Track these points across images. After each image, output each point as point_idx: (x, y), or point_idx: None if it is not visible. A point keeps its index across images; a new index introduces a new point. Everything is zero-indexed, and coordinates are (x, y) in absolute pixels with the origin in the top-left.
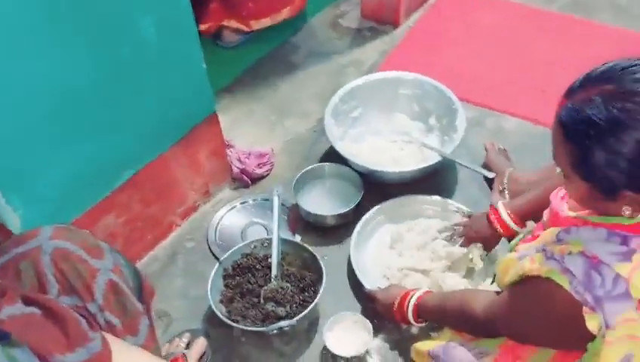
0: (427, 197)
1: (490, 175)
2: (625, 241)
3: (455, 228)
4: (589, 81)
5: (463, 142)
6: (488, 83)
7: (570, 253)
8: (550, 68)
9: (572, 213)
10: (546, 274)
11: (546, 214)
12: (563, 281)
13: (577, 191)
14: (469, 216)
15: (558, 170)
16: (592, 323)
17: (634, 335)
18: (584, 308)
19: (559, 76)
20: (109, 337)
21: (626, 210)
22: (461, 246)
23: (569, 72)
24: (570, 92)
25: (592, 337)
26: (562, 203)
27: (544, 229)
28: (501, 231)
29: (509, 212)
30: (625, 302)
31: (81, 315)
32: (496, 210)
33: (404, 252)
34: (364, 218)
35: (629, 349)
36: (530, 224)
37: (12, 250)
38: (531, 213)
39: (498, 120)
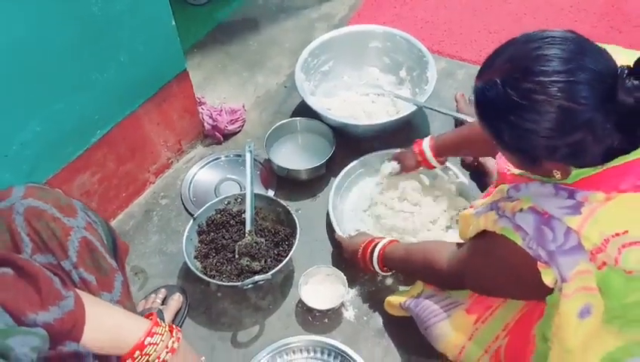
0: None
1: (470, 119)
2: (571, 195)
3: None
4: (493, 61)
5: (434, 93)
6: (459, 34)
7: (521, 210)
8: (522, 18)
9: (516, 171)
10: (500, 231)
11: (495, 175)
12: (516, 238)
13: (508, 158)
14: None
15: None
16: (547, 278)
17: (589, 287)
18: (538, 262)
19: (531, 27)
20: (83, 294)
21: (556, 174)
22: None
23: (541, 21)
24: (479, 72)
25: (548, 290)
26: (507, 162)
27: (496, 188)
28: (420, 160)
29: (430, 145)
30: (577, 254)
31: (56, 273)
32: (419, 142)
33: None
34: (345, 169)
35: (587, 300)
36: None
37: None
38: (452, 149)
39: (469, 71)
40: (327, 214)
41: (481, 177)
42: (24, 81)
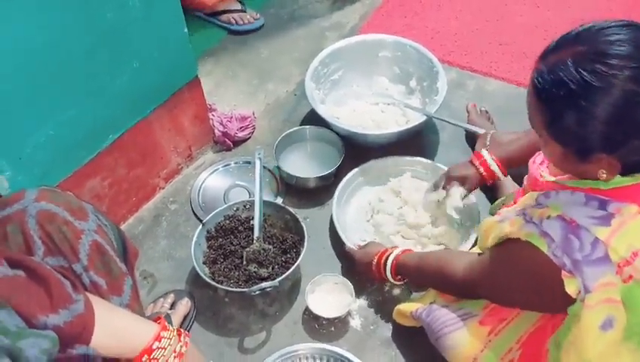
0: (408, 158)
1: (481, 130)
2: (603, 205)
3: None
4: (563, 43)
5: (444, 104)
6: (470, 45)
7: (548, 217)
8: (533, 30)
9: (551, 178)
10: (525, 237)
11: (526, 180)
12: (541, 244)
13: (553, 153)
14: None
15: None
16: (570, 287)
17: (612, 299)
18: (562, 271)
19: (542, 39)
20: (93, 298)
21: (602, 174)
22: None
23: (552, 35)
24: (545, 54)
25: (570, 300)
26: (540, 168)
27: (524, 195)
28: (483, 171)
29: (493, 157)
30: (604, 265)
31: (67, 276)
32: (480, 155)
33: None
34: (345, 177)
35: (609, 313)
36: (511, 185)
37: None
38: (515, 161)
39: (480, 82)
40: (332, 225)
41: (491, 189)
42: (40, 85)
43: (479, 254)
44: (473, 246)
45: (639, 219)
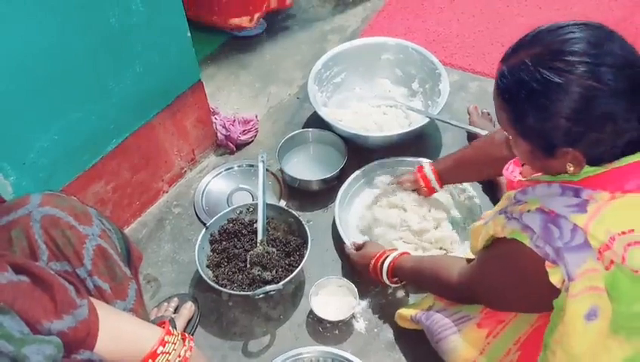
0: (410, 160)
1: (482, 132)
2: (577, 194)
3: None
4: (522, 44)
5: (446, 106)
6: (472, 47)
7: (528, 211)
8: None
9: (524, 178)
10: (509, 234)
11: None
12: (524, 239)
13: (522, 152)
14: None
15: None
16: (555, 277)
17: (596, 287)
18: (546, 262)
19: None
20: (97, 303)
21: (570, 167)
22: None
23: None
24: (506, 56)
25: (557, 294)
26: (512, 174)
27: None
28: (424, 188)
29: (433, 168)
30: (585, 251)
31: (71, 281)
32: (421, 167)
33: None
34: (348, 180)
35: (594, 302)
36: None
37: (3, 218)
38: (455, 174)
39: (482, 83)
40: (335, 227)
41: (493, 190)
42: (43, 90)
43: (468, 260)
44: None
45: (612, 205)
